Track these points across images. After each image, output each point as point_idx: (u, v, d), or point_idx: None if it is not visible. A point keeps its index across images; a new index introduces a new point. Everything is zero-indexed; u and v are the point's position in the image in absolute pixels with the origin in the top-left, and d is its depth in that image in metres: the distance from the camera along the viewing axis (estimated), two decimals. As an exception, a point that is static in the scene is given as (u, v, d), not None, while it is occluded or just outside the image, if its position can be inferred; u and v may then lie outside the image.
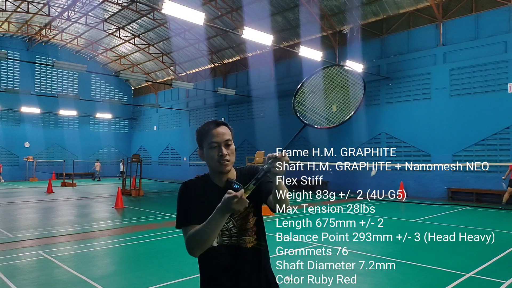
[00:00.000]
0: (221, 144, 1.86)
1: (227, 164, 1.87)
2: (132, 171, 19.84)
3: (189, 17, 12.10)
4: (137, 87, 37.63)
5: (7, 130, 30.23)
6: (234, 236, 1.86)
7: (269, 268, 1.96)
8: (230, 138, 1.90)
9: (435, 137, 16.53)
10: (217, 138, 1.86)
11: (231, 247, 1.86)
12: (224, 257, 1.86)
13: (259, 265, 1.89)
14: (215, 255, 1.86)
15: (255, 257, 1.89)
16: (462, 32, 16.07)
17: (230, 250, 1.85)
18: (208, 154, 1.89)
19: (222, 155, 1.85)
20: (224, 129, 1.91)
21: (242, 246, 1.86)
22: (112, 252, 7.37)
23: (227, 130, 1.92)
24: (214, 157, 1.87)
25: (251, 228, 1.88)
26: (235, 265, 1.85)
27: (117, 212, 12.42)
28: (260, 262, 1.90)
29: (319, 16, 20.06)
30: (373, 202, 15.08)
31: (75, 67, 17.30)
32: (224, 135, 1.88)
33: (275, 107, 23.73)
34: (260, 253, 1.90)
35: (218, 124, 1.91)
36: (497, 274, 5.60)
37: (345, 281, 5.48)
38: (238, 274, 1.86)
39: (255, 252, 1.88)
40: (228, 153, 1.87)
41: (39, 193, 18.91)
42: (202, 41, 26.34)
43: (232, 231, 1.87)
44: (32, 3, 24.43)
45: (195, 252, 1.78)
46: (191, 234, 1.76)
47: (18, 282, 5.29)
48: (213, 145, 1.86)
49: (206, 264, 1.90)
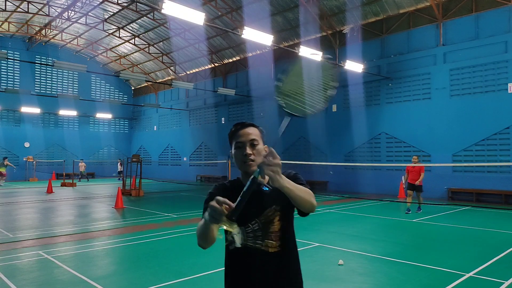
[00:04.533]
0: (245, 143, 1.85)
1: (251, 164, 1.83)
2: (132, 171, 19.85)
3: (189, 17, 12.10)
4: (137, 87, 37.64)
5: (7, 130, 30.24)
6: (259, 239, 1.82)
7: (293, 277, 1.88)
8: (256, 138, 1.87)
9: (435, 137, 16.53)
10: (242, 138, 1.87)
11: (254, 249, 1.83)
12: (246, 258, 1.84)
13: (281, 272, 1.83)
14: (237, 255, 1.86)
15: (277, 263, 1.82)
16: (462, 32, 16.08)
17: (252, 252, 1.83)
18: (234, 155, 1.89)
19: (246, 155, 1.83)
20: (251, 130, 1.90)
21: (265, 250, 1.82)
22: (112, 252, 7.37)
23: (254, 131, 1.91)
24: (239, 157, 1.86)
25: (275, 233, 1.82)
26: (256, 268, 1.82)
27: (117, 212, 12.42)
28: (282, 268, 1.83)
29: (319, 16, 20.06)
30: (373, 202, 15.08)
31: (75, 67, 17.29)
32: (250, 135, 1.87)
33: (275, 107, 23.70)
34: (282, 260, 1.83)
35: (245, 125, 1.92)
36: (497, 274, 5.60)
37: (345, 281, 5.49)
38: (257, 277, 1.82)
39: (277, 257, 1.82)
40: (253, 153, 1.84)
41: (39, 193, 18.91)
42: (202, 41, 26.35)
43: (257, 233, 1.83)
44: (32, 3, 24.44)
45: (198, 243, 1.79)
46: (197, 227, 1.79)
47: (18, 282, 5.29)
48: (238, 145, 1.87)
49: (229, 263, 1.91)
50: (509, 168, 14.60)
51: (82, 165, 29.59)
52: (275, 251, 1.82)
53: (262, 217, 1.83)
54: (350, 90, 19.80)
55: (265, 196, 1.76)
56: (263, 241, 1.82)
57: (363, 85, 19.19)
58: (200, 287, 5.18)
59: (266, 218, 1.83)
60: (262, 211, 1.82)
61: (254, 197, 1.59)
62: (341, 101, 20.34)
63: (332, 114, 20.63)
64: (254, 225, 1.83)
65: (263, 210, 1.82)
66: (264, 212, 1.82)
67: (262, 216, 1.83)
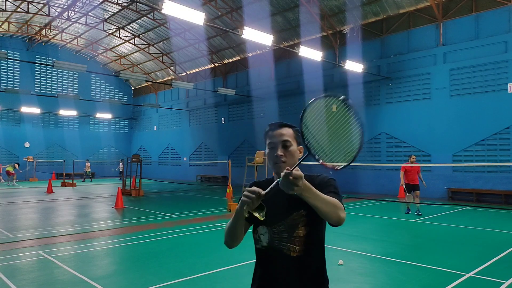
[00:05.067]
0: (278, 144, 1.83)
1: (281, 166, 1.79)
2: (132, 171, 19.84)
3: (189, 17, 12.09)
4: (137, 87, 37.64)
5: (7, 130, 30.24)
6: (284, 241, 1.81)
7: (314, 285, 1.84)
8: (289, 139, 1.83)
9: (435, 137, 16.53)
10: (274, 138, 1.84)
11: (278, 251, 1.82)
12: (270, 258, 1.85)
13: (300, 278, 1.81)
14: (263, 254, 1.88)
15: (298, 268, 1.80)
16: (462, 32, 16.07)
17: (276, 254, 1.82)
18: (267, 155, 1.88)
19: (277, 156, 1.81)
20: (285, 130, 1.86)
21: (286, 253, 1.81)
22: (112, 252, 7.37)
23: (288, 131, 1.86)
24: (271, 158, 1.84)
25: (300, 238, 1.80)
26: (278, 270, 1.83)
27: (117, 212, 12.42)
28: (303, 274, 1.80)
29: (319, 16, 20.06)
30: (373, 202, 15.08)
31: (75, 67, 17.28)
32: (282, 136, 1.84)
33: (275, 107, 23.72)
34: (303, 265, 1.80)
35: (279, 126, 1.88)
36: (497, 274, 5.60)
37: (345, 281, 5.49)
38: (279, 279, 1.83)
39: (298, 262, 1.80)
40: (285, 154, 1.81)
41: (39, 193, 18.91)
42: (202, 41, 26.35)
43: (282, 235, 1.82)
44: (32, 3, 24.44)
45: (225, 241, 1.85)
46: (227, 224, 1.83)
47: (18, 282, 5.29)
48: (270, 146, 1.85)
49: (256, 261, 1.93)
50: (509, 168, 14.60)
51: (87, 165, 29.68)
52: (296, 255, 1.80)
53: (289, 219, 1.81)
54: (350, 90, 19.79)
55: (294, 199, 1.68)
56: (287, 243, 1.81)
57: (363, 85, 19.19)
58: (200, 287, 5.17)
59: (292, 221, 1.81)
60: (290, 214, 1.81)
61: (283, 199, 1.60)
62: (341, 101, 20.32)
63: (332, 114, 20.60)
64: (281, 227, 1.82)
65: (290, 213, 1.80)
66: (291, 215, 1.81)
67: (289, 219, 1.81)
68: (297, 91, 22.38)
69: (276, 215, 1.81)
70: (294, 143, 1.85)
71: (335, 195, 1.72)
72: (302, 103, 22.20)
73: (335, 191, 1.76)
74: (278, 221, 1.82)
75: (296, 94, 22.49)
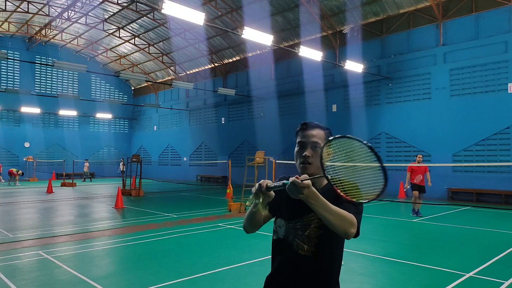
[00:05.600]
0: (307, 145, 1.84)
1: (306, 167, 1.81)
2: (132, 171, 19.84)
3: (189, 17, 12.08)
4: (137, 87, 37.65)
5: (7, 130, 30.24)
6: (298, 238, 1.83)
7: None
8: (318, 141, 1.83)
9: (435, 137, 16.53)
10: (305, 138, 1.85)
11: (289, 245, 1.85)
12: (283, 251, 1.89)
13: (304, 277, 1.81)
14: (277, 246, 1.93)
15: (305, 267, 1.81)
16: (462, 32, 16.07)
17: (287, 248, 1.86)
18: (295, 153, 1.89)
19: (305, 155, 1.82)
20: (316, 131, 1.86)
21: (295, 250, 1.83)
22: (112, 252, 7.37)
23: (319, 133, 1.86)
24: (298, 157, 1.86)
25: (311, 238, 1.80)
26: (286, 264, 1.86)
27: (117, 212, 12.42)
28: (306, 274, 1.81)
29: (319, 16, 20.07)
30: (373, 202, 15.07)
31: (75, 67, 17.29)
32: (313, 137, 1.84)
33: (275, 107, 23.73)
34: (309, 266, 1.80)
35: (311, 126, 1.88)
36: (497, 274, 5.60)
37: (345, 281, 5.49)
38: (284, 272, 1.86)
39: (305, 261, 1.81)
40: (312, 155, 1.81)
41: (39, 193, 18.91)
42: (202, 41, 26.35)
43: (298, 232, 1.84)
44: (32, 3, 24.44)
45: (243, 226, 1.96)
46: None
47: (18, 282, 5.28)
48: (300, 145, 1.86)
49: (272, 251, 1.98)
50: (509, 168, 14.60)
51: (86, 165, 29.60)
52: (304, 254, 1.81)
53: (305, 218, 1.83)
54: (350, 90, 19.80)
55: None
56: (298, 240, 1.83)
57: (363, 85, 19.19)
58: (200, 287, 5.17)
59: (307, 220, 1.83)
60: (307, 213, 1.80)
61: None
62: (341, 101, 20.35)
63: (332, 114, 20.63)
64: (297, 224, 1.84)
65: (308, 212, 1.78)
66: (309, 214, 1.81)
67: (305, 218, 1.83)
68: (297, 91, 22.38)
69: (294, 211, 1.84)
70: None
71: (351, 206, 1.69)
72: (302, 103, 22.22)
73: (354, 204, 1.70)
74: (295, 217, 1.84)
75: (296, 94, 22.49)
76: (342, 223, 1.60)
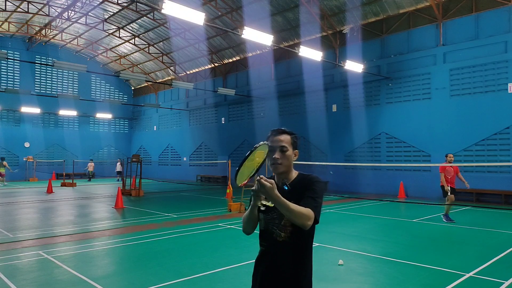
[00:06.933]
0: (276, 149, 2.14)
1: (277, 167, 2.15)
2: (132, 171, 19.85)
3: (189, 17, 12.08)
4: (137, 87, 37.65)
5: (7, 130, 30.24)
6: (275, 227, 2.11)
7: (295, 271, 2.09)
8: (285, 145, 2.15)
9: (435, 137, 16.53)
10: (273, 143, 2.16)
11: (270, 234, 2.13)
12: (264, 240, 2.19)
13: (282, 262, 2.09)
14: (260, 236, 2.23)
15: (281, 252, 2.10)
16: (462, 32, 16.07)
17: (268, 236, 2.14)
18: (267, 156, 2.14)
19: (274, 158, 2.14)
20: (283, 137, 2.18)
21: (275, 238, 2.11)
22: (112, 252, 7.37)
23: (286, 138, 2.19)
24: (270, 160, 2.17)
25: (286, 227, 2.08)
26: (267, 250, 2.16)
27: (117, 212, 12.43)
28: (284, 258, 2.09)
29: (319, 16, 20.06)
30: (373, 202, 15.07)
31: (75, 67, 17.28)
32: (280, 142, 2.16)
33: (275, 107, 23.73)
34: (286, 251, 2.08)
35: (279, 132, 2.21)
36: (497, 274, 5.60)
37: (345, 281, 5.48)
38: (267, 258, 2.15)
39: (282, 247, 2.09)
40: (281, 157, 2.14)
41: (39, 193, 18.91)
42: (202, 41, 26.35)
43: (275, 221, 2.12)
44: (32, 3, 24.44)
45: (242, 228, 2.27)
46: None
47: (18, 282, 5.29)
48: (270, 149, 2.11)
49: (259, 238, 2.26)
50: (509, 168, 14.60)
51: (91, 165, 29.69)
52: (282, 240, 2.09)
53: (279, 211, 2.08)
54: (350, 90, 19.80)
55: (285, 194, 1.99)
56: (277, 229, 2.11)
57: (363, 85, 19.19)
58: (200, 287, 5.18)
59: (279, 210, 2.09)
60: None
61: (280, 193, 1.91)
62: (341, 101, 20.35)
63: (332, 114, 20.64)
64: (274, 215, 2.11)
65: None
66: None
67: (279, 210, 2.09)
68: (297, 91, 22.38)
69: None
70: (290, 148, 2.16)
71: (310, 200, 2.01)
72: (302, 103, 22.22)
73: (312, 196, 2.03)
74: (272, 209, 2.07)
75: (296, 94, 22.49)
76: (298, 220, 1.91)
